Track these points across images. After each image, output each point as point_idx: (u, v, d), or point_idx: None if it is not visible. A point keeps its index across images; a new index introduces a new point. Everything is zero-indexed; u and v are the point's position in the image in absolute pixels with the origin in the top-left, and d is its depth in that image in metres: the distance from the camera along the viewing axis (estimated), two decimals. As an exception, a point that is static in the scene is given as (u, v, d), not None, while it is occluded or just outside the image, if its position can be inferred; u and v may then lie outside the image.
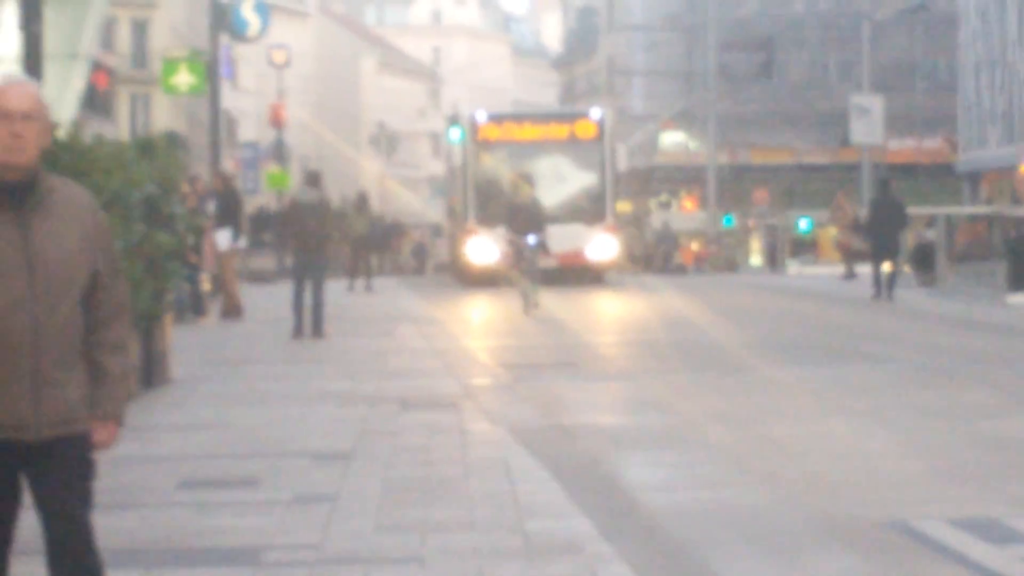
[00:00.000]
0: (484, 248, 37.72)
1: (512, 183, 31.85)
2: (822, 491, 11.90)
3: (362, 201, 49.83)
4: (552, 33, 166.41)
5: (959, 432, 15.49)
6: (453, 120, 44.50)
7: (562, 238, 35.08)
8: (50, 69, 28.54)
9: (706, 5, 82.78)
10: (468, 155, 39.39)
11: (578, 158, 39.82)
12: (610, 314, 35.70)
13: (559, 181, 39.23)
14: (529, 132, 40.11)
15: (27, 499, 5.95)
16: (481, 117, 40.14)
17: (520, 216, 29.30)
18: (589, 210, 40.86)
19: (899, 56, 78.59)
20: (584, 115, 41.64)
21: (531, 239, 28.62)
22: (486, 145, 39.36)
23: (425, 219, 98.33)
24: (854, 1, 78.55)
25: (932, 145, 78.37)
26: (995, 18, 70.23)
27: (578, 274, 40.86)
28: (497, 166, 38.69)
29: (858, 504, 11.39)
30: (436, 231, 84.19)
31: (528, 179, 30.84)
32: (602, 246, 40.85)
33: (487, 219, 37.47)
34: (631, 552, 9.86)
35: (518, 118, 42.34)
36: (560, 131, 40.31)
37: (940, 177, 74.19)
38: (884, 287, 33.82)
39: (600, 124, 39.98)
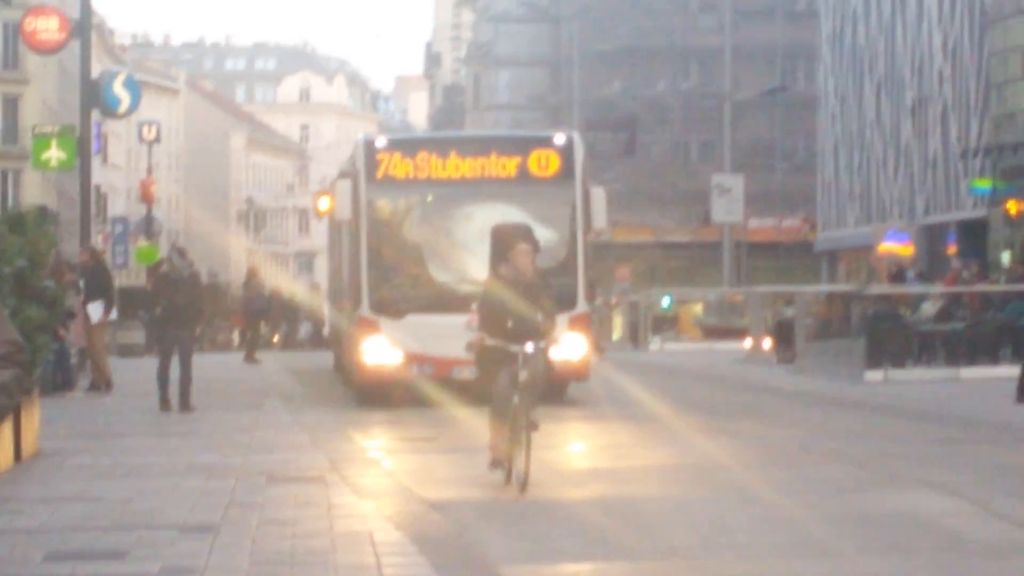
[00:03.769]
0: (382, 350, 25.16)
1: (498, 238, 16.27)
2: (681, 566, 11.96)
3: (251, 275, 50.61)
4: (419, 111, 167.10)
5: (816, 507, 15.61)
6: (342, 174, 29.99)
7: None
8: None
9: (571, 85, 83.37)
10: (361, 205, 25.27)
11: (533, 207, 24.39)
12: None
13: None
14: (457, 167, 25.43)
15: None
16: (381, 143, 26.28)
17: (514, 304, 15.02)
18: (548, 288, 21.25)
19: (759, 137, 79.52)
20: (544, 141, 26.39)
21: (529, 347, 14.68)
22: (389, 187, 25.57)
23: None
24: (715, 82, 79.26)
25: (791, 224, 79.27)
26: (853, 100, 71.24)
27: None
28: (406, 221, 26.03)
29: None
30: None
31: (522, 234, 15.73)
32: (568, 345, 23.94)
33: (388, 304, 25.27)
34: None
35: (441, 145, 26.68)
36: (507, 165, 25.46)
37: (799, 255, 75.01)
38: None
39: (567, 155, 25.58)
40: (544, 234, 22.17)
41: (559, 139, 26.47)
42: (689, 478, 17.59)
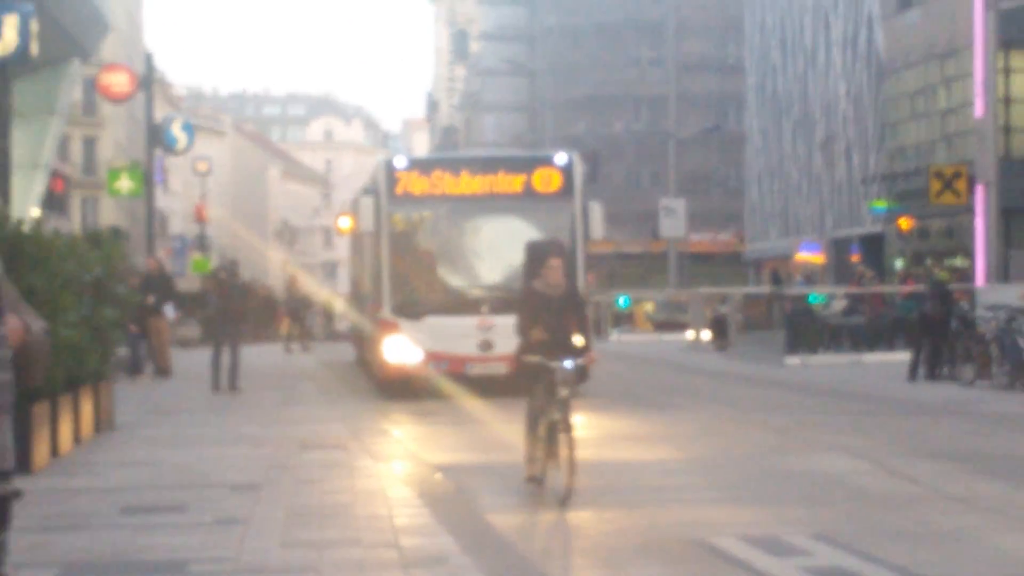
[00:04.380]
0: (403, 348, 23.69)
1: (532, 254, 14.12)
2: (636, 514, 11.95)
3: (292, 282, 51.64)
4: (421, 148, 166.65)
5: (745, 467, 15.64)
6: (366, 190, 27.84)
7: (514, 334, 17.51)
8: (17, 176, 28.29)
9: (544, 126, 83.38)
10: (382, 218, 24.11)
11: (537, 220, 23.63)
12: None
13: (509, 253, 22.22)
14: (468, 184, 24.28)
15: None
16: (400, 163, 24.84)
17: (548, 319, 12.84)
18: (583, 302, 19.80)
19: (698, 167, 79.46)
20: (546, 160, 24.95)
21: (568, 363, 12.51)
22: (407, 203, 24.23)
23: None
24: (662, 123, 79.25)
25: (724, 238, 79.22)
26: (773, 137, 71.27)
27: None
28: (422, 232, 24.76)
29: (669, 526, 11.46)
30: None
31: (554, 250, 13.80)
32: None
33: (408, 307, 23.83)
34: (486, 564, 9.88)
35: (453, 165, 25.16)
36: (512, 183, 24.28)
37: (731, 263, 74.94)
38: None
39: (567, 173, 24.27)
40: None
41: (560, 159, 24.87)
42: (641, 445, 17.60)
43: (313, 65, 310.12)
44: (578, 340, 12.83)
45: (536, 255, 12.71)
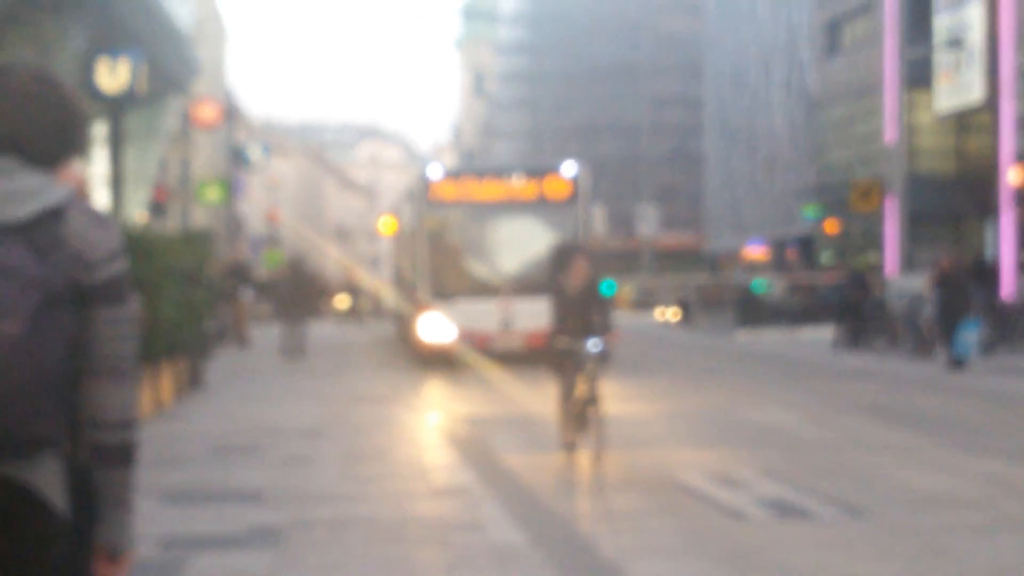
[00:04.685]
0: (438, 327, 22.87)
1: (559, 254, 12.90)
2: (623, 457, 11.96)
3: (349, 272, 52.43)
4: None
5: (705, 418, 15.66)
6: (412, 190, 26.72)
7: (530, 313, 21.43)
8: (128, 188, 28.39)
9: (544, 149, 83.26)
10: (420, 218, 23.72)
11: (548, 221, 22.85)
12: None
13: (526, 246, 22.82)
14: (490, 191, 23.50)
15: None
16: (434, 174, 23.78)
17: (573, 307, 12.13)
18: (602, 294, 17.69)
19: (666, 180, 79.44)
20: (555, 170, 23.68)
21: (591, 344, 11.88)
22: (440, 206, 23.43)
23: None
24: (637, 146, 79.27)
25: (688, 238, 79.10)
26: (726, 157, 71.19)
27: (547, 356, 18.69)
28: (453, 229, 23.77)
29: (645, 466, 11.49)
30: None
31: (579, 251, 12.85)
32: None
33: (442, 292, 22.93)
34: (499, 494, 9.93)
35: (478, 174, 24.33)
36: (527, 189, 23.40)
37: (692, 257, 74.83)
38: None
39: (574, 182, 23.28)
40: (556, 239, 19.72)
41: (568, 169, 23.54)
42: (621, 401, 17.61)
43: (362, 100, 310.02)
44: (600, 331, 11.86)
45: (563, 255, 12.18)
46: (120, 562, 3.30)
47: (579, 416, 11.48)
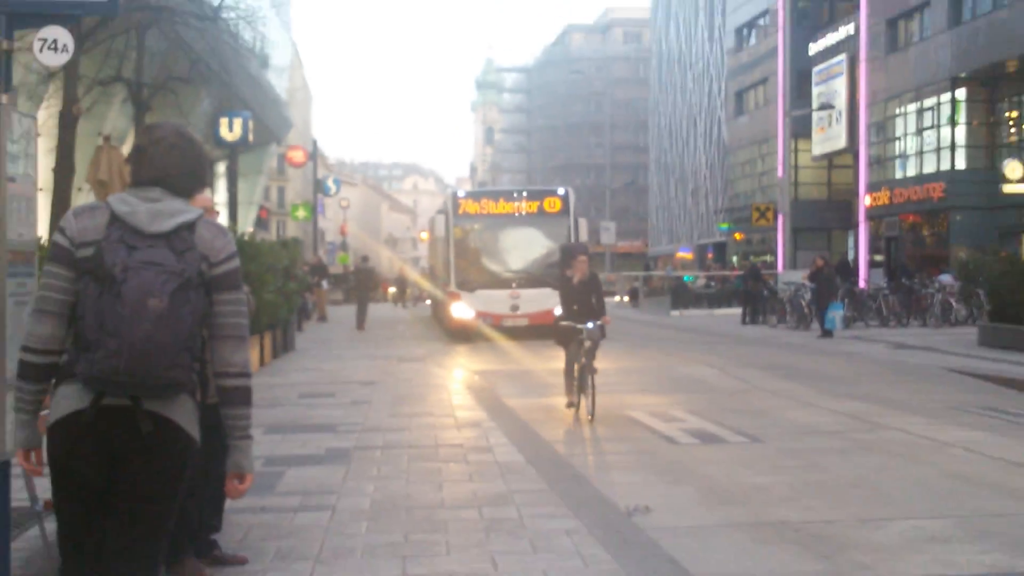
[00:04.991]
0: (463, 309, 21.92)
1: (565, 255, 12.02)
2: (601, 403, 11.95)
3: (401, 270, 52.56)
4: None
5: (650, 373, 15.63)
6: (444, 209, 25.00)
7: (532, 299, 21.34)
8: (240, 209, 28.46)
9: (535, 182, 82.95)
10: (450, 228, 22.58)
11: (546, 229, 22.18)
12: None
13: (529, 249, 22.35)
14: (503, 207, 22.74)
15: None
16: (461, 194, 23.20)
17: (576, 295, 11.04)
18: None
19: (622, 204, 78.93)
20: (552, 192, 23.12)
21: (590, 324, 10.83)
22: (465, 218, 22.52)
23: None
24: (603, 180, 78.76)
25: (636, 245, 78.76)
26: (663, 188, 71.01)
27: (545, 331, 17.04)
28: (474, 236, 22.72)
29: (608, 407, 11.42)
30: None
31: (581, 250, 11.69)
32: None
33: (465, 283, 22.03)
34: (503, 425, 9.90)
35: (493, 195, 23.46)
36: (530, 206, 22.65)
37: (640, 258, 74.55)
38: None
39: (565, 200, 22.53)
40: (552, 244, 20.96)
41: (560, 191, 22.88)
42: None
43: (406, 145, 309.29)
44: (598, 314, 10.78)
45: (569, 253, 11.10)
46: (246, 481, 3.30)
47: (581, 380, 10.51)
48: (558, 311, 11.44)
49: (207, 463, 4.42)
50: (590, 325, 10.47)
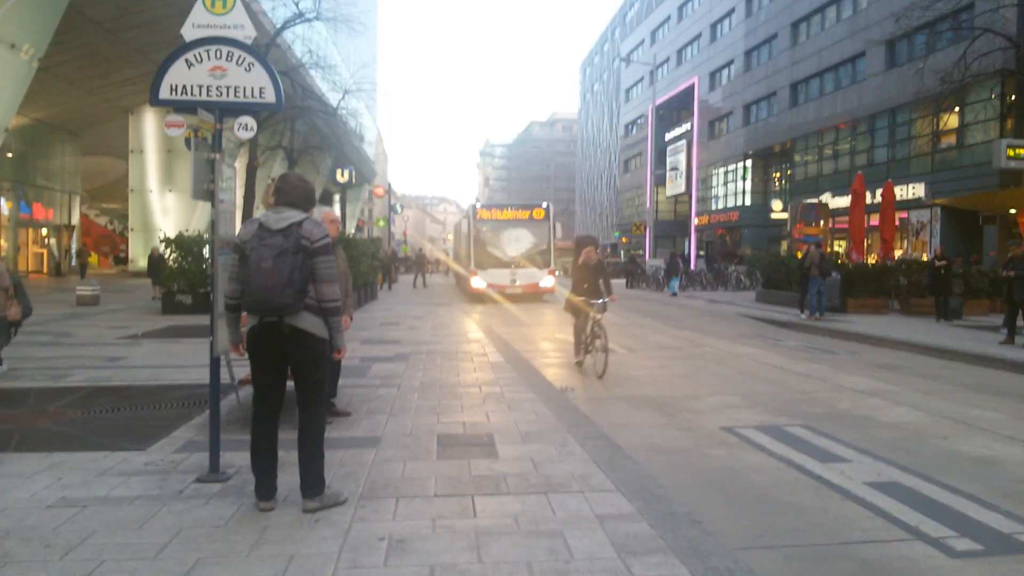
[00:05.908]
0: (478, 282, 19.40)
1: (578, 244, 7.69)
2: (530, 335, 11.48)
3: (437, 258, 50.78)
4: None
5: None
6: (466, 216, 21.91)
7: (526, 276, 19.18)
8: (349, 221, 27.79)
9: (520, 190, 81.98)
10: (471, 228, 20.09)
11: (535, 230, 19.71)
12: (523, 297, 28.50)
13: (523, 243, 19.72)
14: (507, 215, 20.18)
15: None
16: (478, 205, 20.33)
17: (587, 276, 7.60)
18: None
19: (563, 221, 78.18)
20: (539, 205, 20.15)
21: (599, 302, 7.37)
22: (480, 222, 19.90)
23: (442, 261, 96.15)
24: (572, 210, 77.56)
25: (568, 244, 77.35)
26: (585, 213, 70.32)
27: (534, 297, 19.12)
28: (486, 233, 19.78)
29: (532, 337, 10.97)
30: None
31: (591, 241, 7.79)
32: (547, 281, 19.11)
33: (480, 264, 19.55)
34: (513, 365, 7.64)
35: (501, 207, 20.45)
36: (524, 214, 20.07)
37: (569, 252, 73.69)
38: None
39: (547, 211, 19.94)
40: (538, 240, 19.47)
41: (544, 205, 20.19)
42: (566, 330, 16.86)
43: (440, 184, 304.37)
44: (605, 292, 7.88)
45: (581, 243, 8.39)
46: (342, 352, 3.48)
47: (587, 344, 7.73)
48: (543, 284, 9.38)
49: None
50: (600, 302, 7.70)
